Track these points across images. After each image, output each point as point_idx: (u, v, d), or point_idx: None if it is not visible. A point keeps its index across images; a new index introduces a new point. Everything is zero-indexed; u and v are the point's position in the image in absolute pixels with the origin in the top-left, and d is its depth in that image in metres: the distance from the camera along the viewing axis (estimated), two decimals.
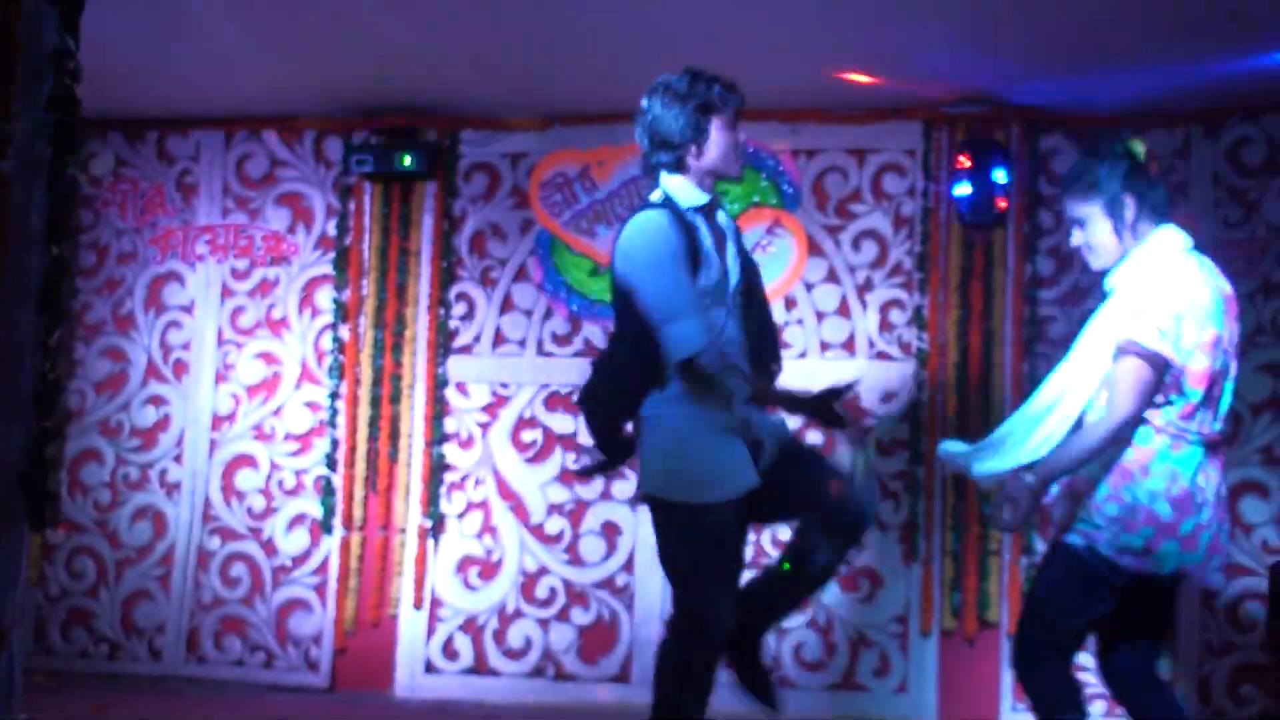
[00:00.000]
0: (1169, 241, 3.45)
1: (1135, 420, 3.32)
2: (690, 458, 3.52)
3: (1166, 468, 3.32)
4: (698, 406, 3.51)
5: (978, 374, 5.56)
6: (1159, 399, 3.34)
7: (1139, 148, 3.53)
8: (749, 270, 3.72)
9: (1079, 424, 3.43)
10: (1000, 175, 5.51)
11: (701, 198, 3.59)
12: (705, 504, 3.51)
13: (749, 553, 3.77)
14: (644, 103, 3.63)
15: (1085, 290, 5.53)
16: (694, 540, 3.52)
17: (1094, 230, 3.54)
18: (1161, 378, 3.30)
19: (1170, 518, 3.31)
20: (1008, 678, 5.42)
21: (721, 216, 3.68)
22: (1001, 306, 5.59)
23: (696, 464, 3.52)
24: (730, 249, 3.64)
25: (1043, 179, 5.64)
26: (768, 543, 5.27)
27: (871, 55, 5.17)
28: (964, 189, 5.54)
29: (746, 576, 3.65)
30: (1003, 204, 5.53)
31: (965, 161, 5.53)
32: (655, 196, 3.65)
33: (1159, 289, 3.37)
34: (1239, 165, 5.53)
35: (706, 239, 3.55)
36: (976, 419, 5.47)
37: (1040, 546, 5.44)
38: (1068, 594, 3.40)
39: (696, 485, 3.51)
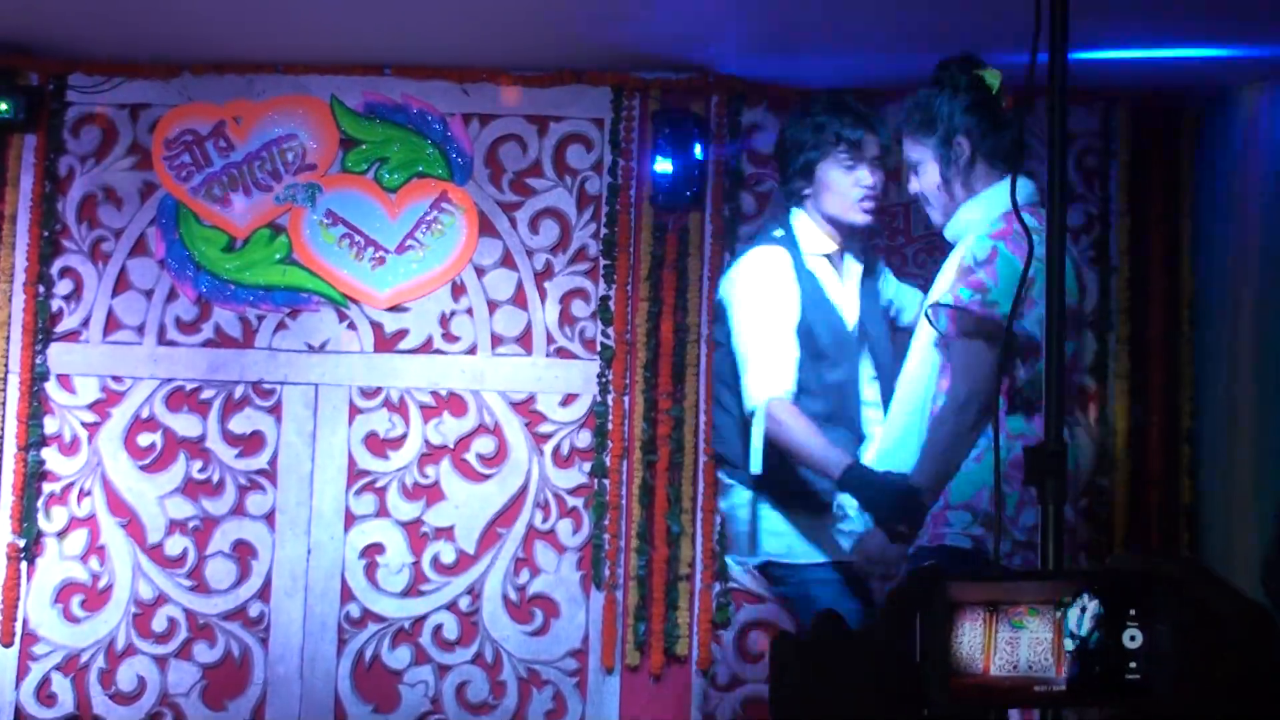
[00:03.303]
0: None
1: None
2: None
3: None
4: None
5: (669, 374, 5.42)
6: None
7: (992, 78, 3.43)
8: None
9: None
10: (696, 151, 5.37)
11: (826, 245, 3.83)
12: None
13: None
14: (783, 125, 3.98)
15: None
16: None
17: (927, 175, 3.57)
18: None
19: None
20: (697, 719, 5.38)
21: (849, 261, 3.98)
22: (697, 299, 5.47)
23: None
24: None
25: (745, 157, 5.55)
26: None
27: (552, 6, 4.98)
28: (664, 165, 5.37)
29: None
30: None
31: (658, 134, 5.38)
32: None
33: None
34: None
35: (832, 287, 3.89)
36: (667, 424, 5.39)
37: (735, 570, 5.38)
38: None
39: None
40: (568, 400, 5.49)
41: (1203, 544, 5.25)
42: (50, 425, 5.57)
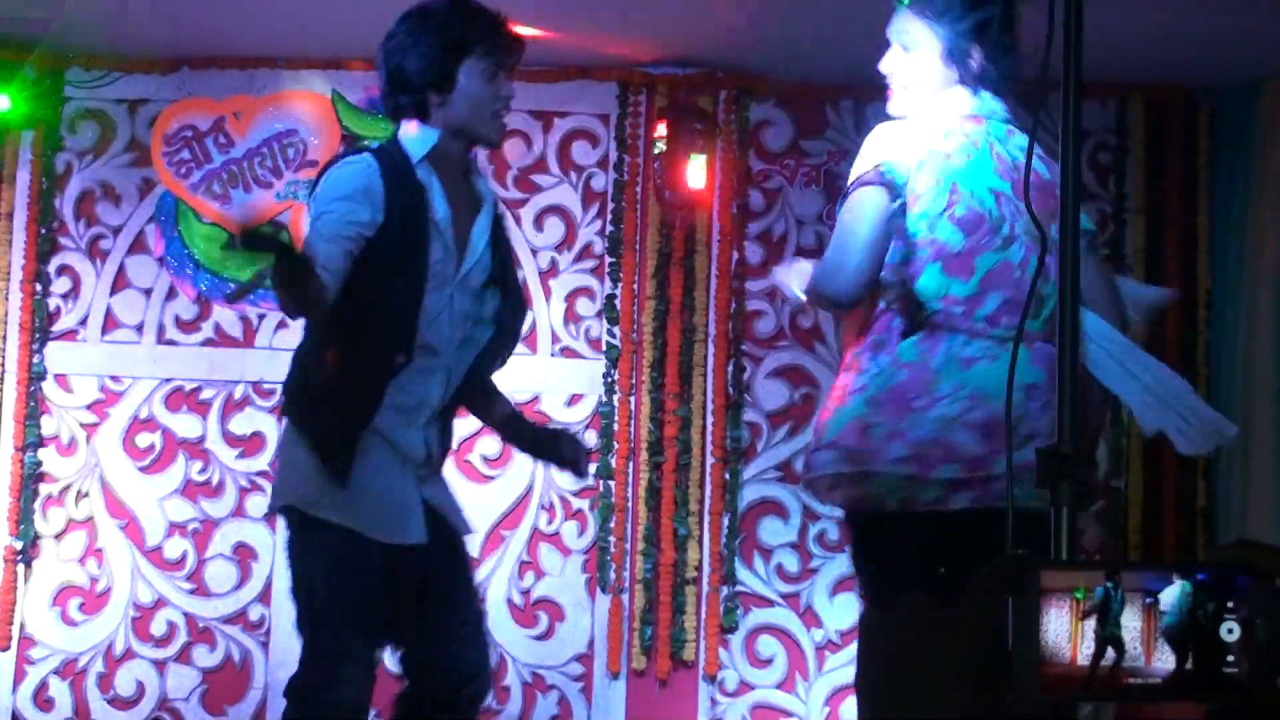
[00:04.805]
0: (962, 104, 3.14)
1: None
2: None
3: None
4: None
5: (676, 374, 5.43)
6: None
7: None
8: (501, 259, 3.46)
9: None
10: (705, 147, 5.37)
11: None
12: (352, 530, 3.29)
13: None
14: (390, 29, 3.37)
15: None
16: (321, 568, 3.30)
17: (916, 64, 3.21)
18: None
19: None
20: None
21: (478, 183, 3.45)
22: (704, 298, 5.48)
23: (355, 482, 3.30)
24: (480, 224, 3.41)
25: (752, 153, 5.55)
26: None
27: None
28: (670, 161, 5.37)
29: None
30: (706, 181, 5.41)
31: (664, 130, 5.37)
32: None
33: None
34: None
35: (440, 206, 3.31)
36: (674, 425, 5.39)
37: (745, 573, 5.42)
38: None
39: (350, 506, 3.29)
40: (573, 400, 5.48)
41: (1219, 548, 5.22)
42: (48, 426, 5.54)
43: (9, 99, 5.47)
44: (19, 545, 5.48)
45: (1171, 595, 1.36)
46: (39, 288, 5.56)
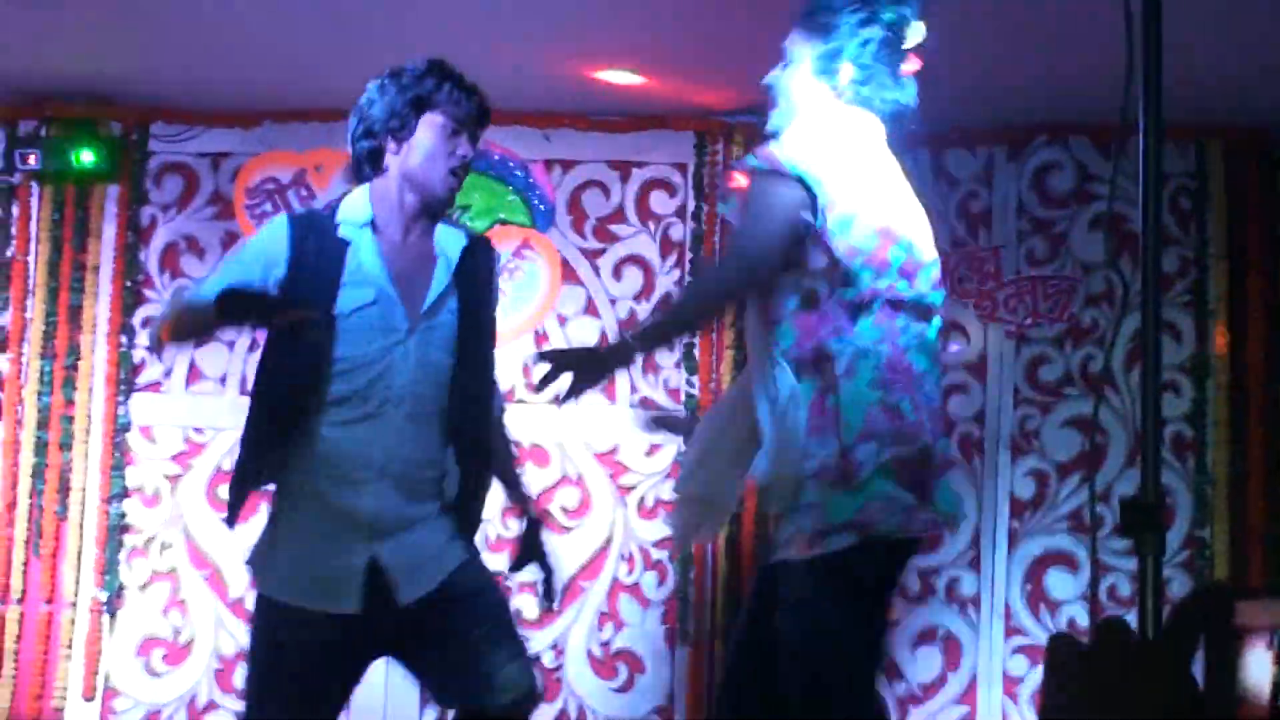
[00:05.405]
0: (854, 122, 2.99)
1: None
2: (277, 537, 3.29)
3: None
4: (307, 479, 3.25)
5: None
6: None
7: (916, 31, 3.00)
8: (469, 311, 3.35)
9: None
10: None
11: (365, 213, 3.29)
12: (275, 600, 3.26)
13: None
14: (367, 86, 3.44)
15: None
16: (255, 643, 3.32)
17: (792, 77, 3.10)
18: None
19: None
20: None
21: (440, 238, 3.34)
22: None
23: (282, 548, 3.27)
24: (438, 278, 3.31)
25: None
26: None
27: (638, 51, 4.96)
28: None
29: None
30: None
31: (741, 180, 5.36)
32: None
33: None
34: (1044, 193, 5.46)
35: (369, 257, 3.25)
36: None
37: None
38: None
39: (272, 572, 3.27)
40: (652, 451, 5.45)
41: None
42: (132, 477, 5.56)
43: (95, 154, 5.54)
44: (104, 596, 5.50)
45: None
46: (125, 340, 5.60)
